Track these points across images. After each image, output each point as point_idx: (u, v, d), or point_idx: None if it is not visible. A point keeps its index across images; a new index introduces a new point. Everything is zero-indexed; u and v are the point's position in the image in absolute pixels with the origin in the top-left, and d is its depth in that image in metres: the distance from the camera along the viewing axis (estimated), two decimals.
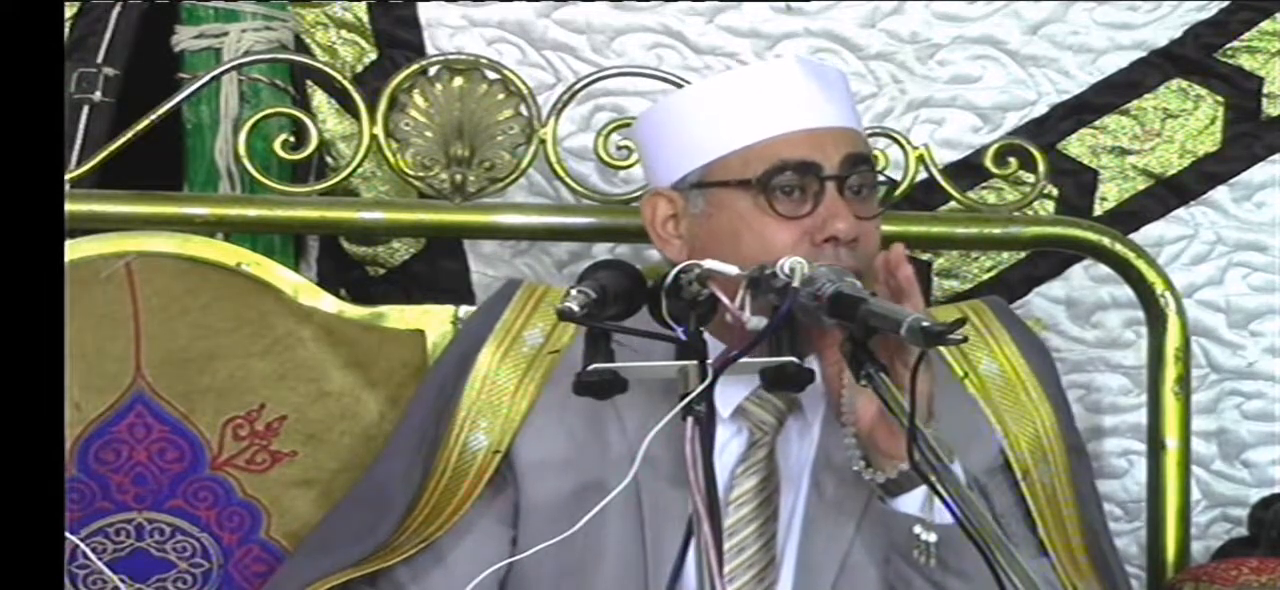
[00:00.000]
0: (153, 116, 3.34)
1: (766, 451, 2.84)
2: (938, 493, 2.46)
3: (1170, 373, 3.44)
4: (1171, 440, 3.44)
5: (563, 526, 2.71)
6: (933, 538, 2.66)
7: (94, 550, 3.14)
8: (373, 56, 3.54)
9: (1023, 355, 3.07)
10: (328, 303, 3.29)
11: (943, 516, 2.65)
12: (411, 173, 3.38)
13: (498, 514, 2.90)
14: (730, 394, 2.82)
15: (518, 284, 3.07)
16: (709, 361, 2.50)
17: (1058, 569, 2.91)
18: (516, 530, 2.89)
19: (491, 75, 3.41)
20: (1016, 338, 3.09)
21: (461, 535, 2.89)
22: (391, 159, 3.38)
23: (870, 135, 3.43)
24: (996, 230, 3.48)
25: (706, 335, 2.56)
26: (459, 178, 3.39)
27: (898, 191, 3.42)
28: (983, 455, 2.91)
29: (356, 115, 3.38)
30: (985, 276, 3.59)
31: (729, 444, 2.84)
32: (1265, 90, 3.61)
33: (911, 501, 2.69)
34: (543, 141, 3.39)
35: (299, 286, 3.29)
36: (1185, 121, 3.62)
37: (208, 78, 3.39)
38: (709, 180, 2.84)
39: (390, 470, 2.99)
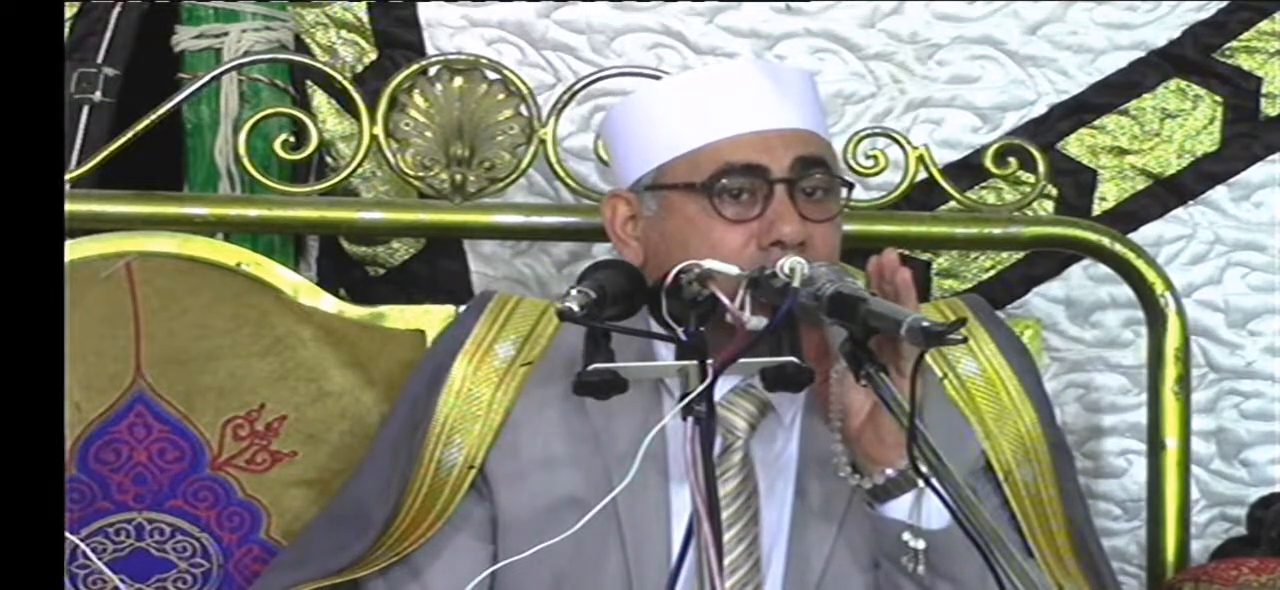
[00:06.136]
0: (153, 116, 3.34)
1: (741, 455, 2.81)
2: (941, 496, 2.44)
3: (1170, 372, 3.43)
4: (1171, 440, 3.44)
5: (542, 539, 2.67)
6: (921, 544, 2.64)
7: (94, 550, 3.14)
8: (373, 56, 3.53)
9: (1003, 355, 3.04)
10: (328, 303, 3.29)
11: (931, 522, 2.65)
12: (411, 173, 3.39)
13: (474, 529, 2.88)
14: None
15: (489, 297, 3.04)
16: (709, 362, 2.50)
17: (1043, 568, 2.89)
18: (496, 545, 2.86)
19: (491, 75, 3.41)
20: (996, 337, 3.05)
21: (438, 550, 2.86)
22: (391, 159, 3.38)
23: (870, 135, 3.44)
24: (996, 230, 3.47)
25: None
26: (459, 178, 3.39)
27: (897, 191, 3.43)
28: (965, 458, 2.88)
29: (356, 115, 3.38)
30: (985, 276, 3.59)
31: None
32: (1264, 90, 3.61)
33: (899, 507, 2.68)
34: (543, 141, 3.39)
35: (299, 286, 3.29)
36: (1184, 121, 3.62)
37: (208, 78, 3.39)
38: (660, 183, 2.83)
39: (367, 487, 2.96)
